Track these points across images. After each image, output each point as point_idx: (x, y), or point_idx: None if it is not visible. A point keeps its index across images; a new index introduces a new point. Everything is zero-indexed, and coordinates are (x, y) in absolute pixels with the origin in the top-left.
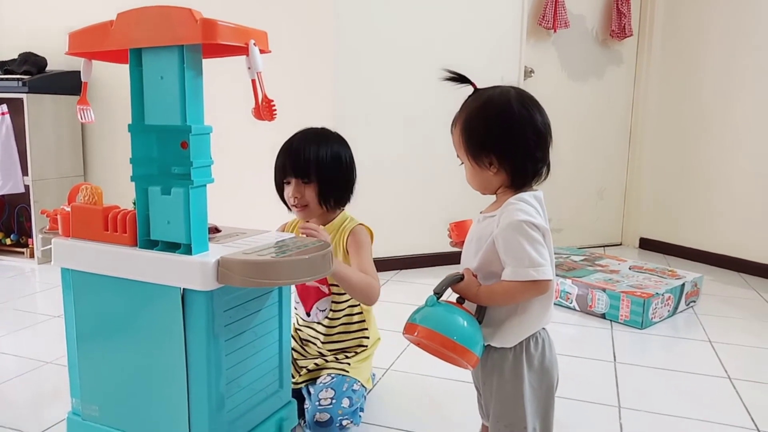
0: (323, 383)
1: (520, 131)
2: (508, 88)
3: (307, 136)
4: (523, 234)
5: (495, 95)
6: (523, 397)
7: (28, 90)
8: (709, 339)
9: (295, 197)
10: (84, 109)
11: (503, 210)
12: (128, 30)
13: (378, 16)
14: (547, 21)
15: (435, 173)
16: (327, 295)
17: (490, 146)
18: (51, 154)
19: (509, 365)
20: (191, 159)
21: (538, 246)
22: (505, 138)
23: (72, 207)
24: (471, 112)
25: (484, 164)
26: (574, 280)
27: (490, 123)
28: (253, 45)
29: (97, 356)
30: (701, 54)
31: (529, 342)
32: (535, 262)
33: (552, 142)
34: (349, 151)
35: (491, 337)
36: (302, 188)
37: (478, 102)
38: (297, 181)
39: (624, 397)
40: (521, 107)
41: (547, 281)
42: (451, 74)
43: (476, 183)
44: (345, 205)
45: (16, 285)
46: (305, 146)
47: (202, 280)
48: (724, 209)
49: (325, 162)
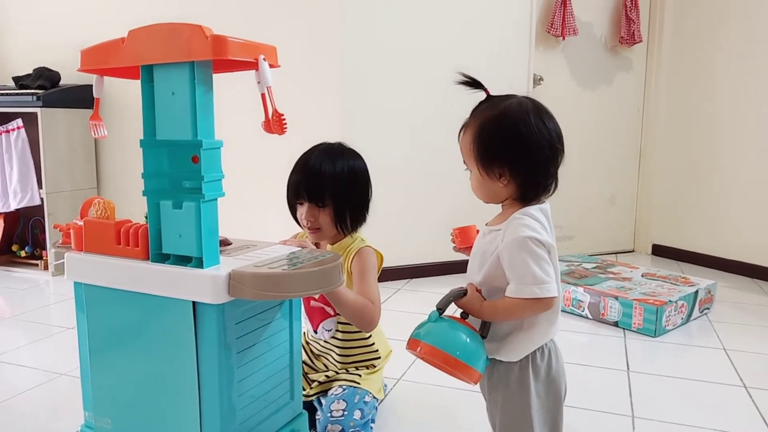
0: (335, 395)
1: (537, 146)
2: (526, 99)
3: (323, 154)
4: (528, 251)
5: (512, 106)
6: (530, 408)
7: (42, 104)
8: (723, 347)
9: (309, 220)
10: (97, 124)
11: (508, 224)
12: (139, 47)
13: (384, 25)
14: (555, 28)
15: (442, 181)
16: (332, 316)
17: (503, 158)
18: (65, 167)
19: (515, 377)
20: (202, 173)
21: (543, 263)
22: (520, 152)
23: (84, 221)
24: (486, 120)
25: (494, 175)
26: (586, 288)
27: (506, 134)
28: (263, 60)
29: (109, 370)
30: (711, 59)
31: (535, 353)
32: (538, 279)
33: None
34: (365, 169)
35: (497, 351)
36: (316, 212)
37: (494, 111)
38: (311, 205)
39: (637, 406)
40: (539, 121)
41: (551, 298)
42: (466, 78)
43: (482, 193)
44: (360, 226)
45: (30, 297)
46: (320, 167)
47: (213, 293)
48: (737, 214)
49: (341, 184)
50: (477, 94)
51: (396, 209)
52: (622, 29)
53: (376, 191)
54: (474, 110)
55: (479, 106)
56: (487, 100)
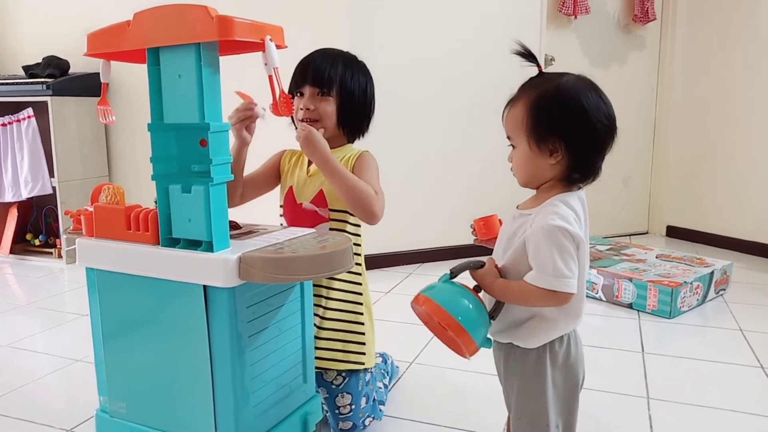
0: (336, 385)
1: (596, 121)
2: (583, 76)
3: (333, 50)
4: (555, 241)
5: (571, 80)
6: (546, 395)
7: (52, 93)
8: (740, 327)
9: (307, 108)
10: (105, 110)
11: (541, 210)
12: (145, 29)
13: (393, 8)
14: (568, 7)
15: (453, 166)
16: (326, 219)
17: (560, 132)
18: (76, 156)
19: (531, 363)
20: (210, 156)
21: (567, 257)
22: (580, 126)
23: (95, 207)
24: (544, 92)
25: (545, 150)
26: (600, 270)
27: (566, 107)
28: (269, 41)
29: (122, 354)
30: (727, 36)
31: (553, 340)
32: (559, 272)
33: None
34: (372, 84)
35: (514, 335)
36: (317, 100)
37: (552, 84)
38: (313, 91)
39: (653, 388)
40: (598, 97)
41: (567, 294)
42: (521, 50)
43: (527, 171)
44: (359, 137)
45: (45, 285)
46: (333, 52)
47: (224, 277)
48: (753, 195)
49: (352, 77)
50: (491, 76)
51: (407, 195)
52: (636, 7)
53: (388, 176)
54: (525, 85)
55: (531, 80)
56: (539, 76)
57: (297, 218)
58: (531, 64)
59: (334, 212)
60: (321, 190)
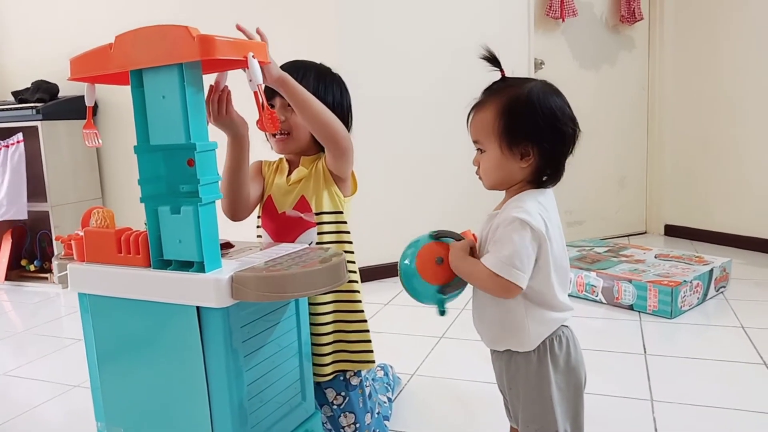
0: (338, 406)
1: (564, 125)
2: (547, 81)
3: (306, 62)
4: (514, 232)
5: (538, 85)
6: (552, 400)
7: (42, 117)
8: (741, 324)
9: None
10: (90, 133)
11: (508, 204)
12: (127, 52)
13: (382, 12)
14: (554, 11)
15: (444, 174)
16: (312, 225)
17: (532, 136)
18: (68, 179)
19: (534, 368)
20: (198, 176)
21: (522, 249)
22: (551, 130)
23: (85, 231)
24: (515, 97)
25: (516, 154)
26: (599, 272)
27: (538, 112)
28: (252, 57)
29: (118, 379)
30: (715, 31)
31: (552, 342)
32: (510, 261)
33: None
34: (349, 96)
35: (509, 341)
36: (288, 112)
37: (521, 89)
38: (283, 102)
39: (656, 389)
40: (563, 102)
41: (513, 285)
42: (487, 54)
43: (498, 175)
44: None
45: (41, 310)
46: (305, 62)
47: (216, 297)
48: (750, 190)
49: (325, 85)
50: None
51: (396, 204)
52: (623, 7)
53: (377, 187)
54: (490, 89)
55: (495, 85)
56: (502, 81)
57: (280, 227)
58: (495, 68)
59: (319, 215)
60: (302, 196)
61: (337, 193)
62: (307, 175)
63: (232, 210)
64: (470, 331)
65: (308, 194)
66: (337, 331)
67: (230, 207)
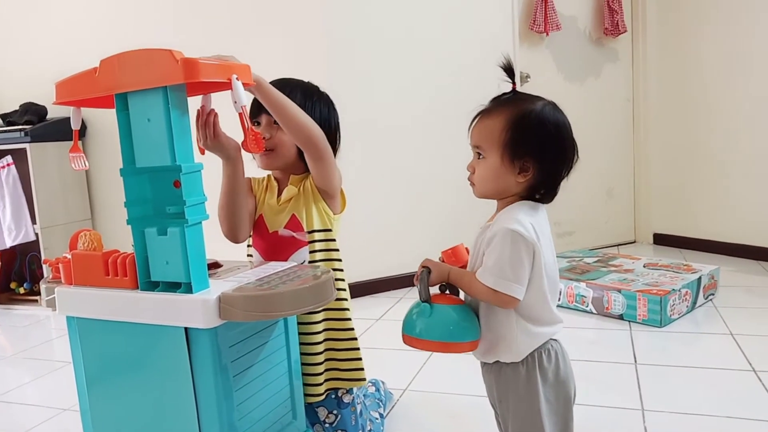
0: (330, 424)
1: (568, 148)
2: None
3: (293, 80)
4: (509, 244)
5: (549, 105)
6: (540, 413)
7: (30, 139)
8: (730, 332)
9: (263, 137)
10: (77, 156)
11: (501, 215)
12: (112, 76)
13: (368, 34)
14: (538, 25)
15: (437, 184)
16: (305, 244)
17: (536, 152)
18: (58, 201)
19: (523, 382)
20: (184, 198)
21: (517, 261)
22: (556, 150)
23: (72, 254)
24: (526, 112)
25: (516, 167)
26: (589, 283)
27: (546, 130)
28: (236, 79)
29: (107, 401)
30: (697, 41)
31: (541, 355)
32: (504, 274)
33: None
34: (336, 115)
35: (496, 352)
36: (273, 129)
37: (533, 105)
38: (269, 120)
39: (647, 399)
40: (569, 125)
41: (508, 297)
42: (505, 64)
43: (493, 184)
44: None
45: (32, 333)
46: (289, 87)
47: (204, 317)
48: (737, 198)
49: (311, 101)
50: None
51: (386, 220)
52: (606, 20)
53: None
54: (500, 100)
55: (506, 96)
56: (514, 93)
57: (271, 247)
58: (508, 80)
59: (311, 234)
60: (293, 215)
61: (326, 211)
62: (297, 194)
63: (233, 232)
64: None
65: (299, 213)
66: (328, 350)
67: (230, 229)
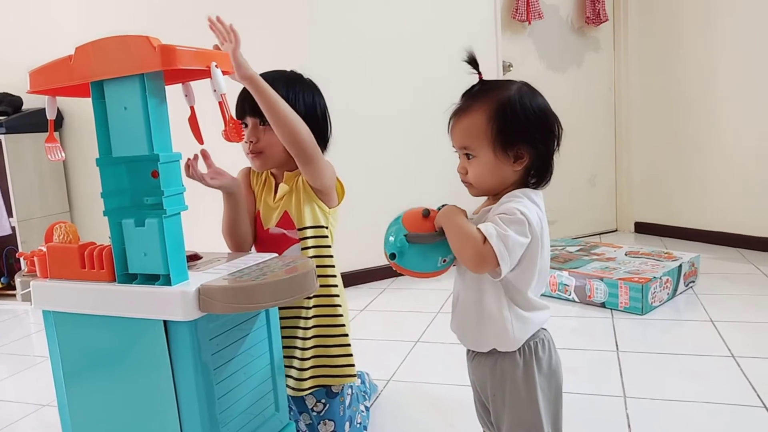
0: (317, 412)
1: (554, 125)
2: (526, 82)
3: (274, 73)
4: (514, 222)
5: (525, 87)
6: (538, 402)
7: (5, 131)
8: (710, 318)
9: (249, 141)
10: (53, 147)
11: (504, 200)
12: (88, 63)
13: (350, 23)
14: (521, 14)
15: (421, 178)
16: (296, 241)
17: (527, 138)
18: (34, 194)
19: (521, 371)
20: (162, 188)
21: (515, 241)
22: (545, 131)
23: (48, 247)
24: (504, 99)
25: (509, 157)
26: (571, 271)
27: (531, 113)
28: (215, 67)
29: (85, 396)
30: (678, 30)
31: (537, 345)
32: (504, 238)
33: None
34: (322, 100)
35: (493, 340)
36: (260, 132)
37: (508, 92)
38: (254, 122)
39: (629, 386)
40: (547, 102)
41: (493, 259)
42: (471, 56)
43: (491, 179)
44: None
45: (10, 328)
46: (272, 79)
47: (183, 310)
48: (717, 186)
49: (295, 100)
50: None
51: (371, 211)
52: (587, 9)
53: (356, 191)
54: (472, 93)
55: (476, 89)
56: (482, 84)
57: (265, 243)
58: (474, 71)
59: (302, 231)
60: (285, 212)
61: (321, 207)
62: (289, 192)
63: (239, 248)
64: (445, 335)
65: (291, 210)
66: (317, 346)
67: (236, 246)
